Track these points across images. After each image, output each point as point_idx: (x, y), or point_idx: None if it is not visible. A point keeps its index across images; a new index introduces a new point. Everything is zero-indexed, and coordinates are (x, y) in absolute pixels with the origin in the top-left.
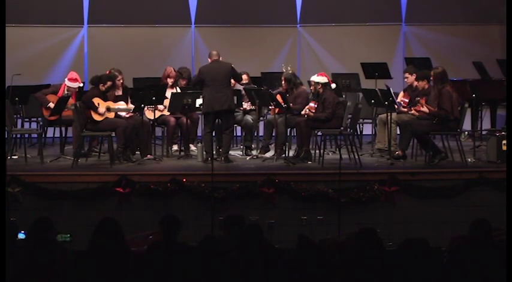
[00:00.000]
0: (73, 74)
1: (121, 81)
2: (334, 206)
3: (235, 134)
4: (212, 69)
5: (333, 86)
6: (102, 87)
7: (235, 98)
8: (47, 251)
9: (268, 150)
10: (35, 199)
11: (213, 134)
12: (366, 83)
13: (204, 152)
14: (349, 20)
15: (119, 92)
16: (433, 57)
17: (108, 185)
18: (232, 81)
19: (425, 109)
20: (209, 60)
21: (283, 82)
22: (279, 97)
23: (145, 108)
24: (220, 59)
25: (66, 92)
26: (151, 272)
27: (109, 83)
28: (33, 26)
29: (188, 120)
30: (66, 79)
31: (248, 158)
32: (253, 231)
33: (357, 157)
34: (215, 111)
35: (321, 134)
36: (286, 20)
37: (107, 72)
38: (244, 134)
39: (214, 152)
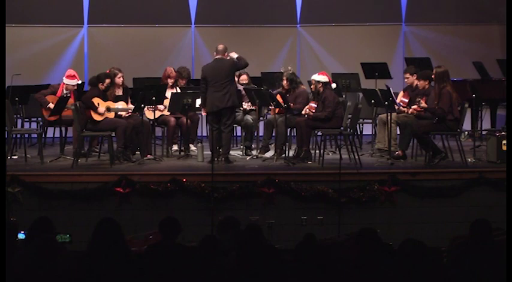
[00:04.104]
0: (71, 71)
1: (121, 79)
2: (334, 206)
3: (235, 134)
4: (213, 68)
5: (333, 85)
6: (101, 86)
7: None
8: (47, 251)
9: (268, 150)
10: (35, 199)
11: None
12: (366, 83)
13: (209, 151)
14: (349, 20)
15: (119, 92)
16: (433, 57)
17: (108, 185)
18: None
19: (423, 104)
20: (214, 54)
21: (284, 82)
22: (279, 97)
23: (146, 108)
24: (226, 54)
25: (64, 92)
26: (151, 272)
27: (107, 81)
28: (33, 26)
29: (188, 120)
30: (64, 77)
31: (248, 158)
32: (253, 231)
33: (357, 157)
34: (219, 109)
35: (321, 134)
36: (286, 20)
37: (107, 71)
38: (244, 134)
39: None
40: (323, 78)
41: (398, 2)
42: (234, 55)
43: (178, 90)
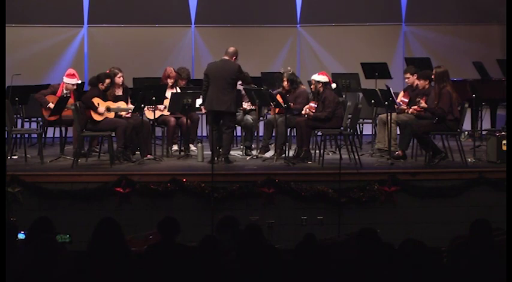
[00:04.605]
0: (71, 70)
1: (121, 78)
2: (334, 206)
3: (235, 134)
4: (217, 68)
5: (333, 85)
6: (101, 86)
7: (237, 97)
8: (47, 251)
9: (268, 150)
10: (35, 199)
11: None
12: (366, 83)
13: (209, 150)
14: (349, 20)
15: (119, 92)
16: (433, 57)
17: (108, 185)
18: None
19: (423, 104)
20: (224, 54)
21: (285, 82)
22: (279, 97)
23: (146, 108)
24: (234, 58)
25: (64, 92)
26: (151, 272)
27: (107, 81)
28: (33, 26)
29: (188, 120)
30: (64, 76)
31: (248, 158)
32: (253, 231)
33: (356, 157)
34: (214, 110)
35: (321, 134)
36: (286, 20)
37: (107, 71)
38: (244, 134)
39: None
40: (323, 78)
41: (398, 2)
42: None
43: (178, 90)
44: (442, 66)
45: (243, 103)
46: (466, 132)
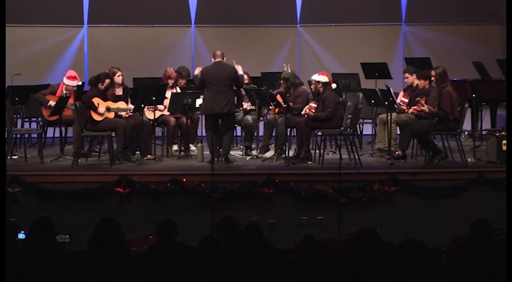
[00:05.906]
0: (72, 72)
1: (120, 77)
2: (334, 206)
3: (235, 134)
4: (214, 71)
5: (334, 86)
6: (101, 86)
7: (235, 98)
8: (47, 251)
9: (268, 150)
10: (35, 199)
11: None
12: (366, 83)
13: (209, 152)
14: (349, 20)
15: (119, 92)
16: (433, 57)
17: (108, 185)
18: None
19: (425, 108)
20: (212, 60)
21: (281, 81)
22: (279, 97)
23: (146, 108)
24: (224, 59)
25: (64, 92)
26: (151, 272)
27: (107, 81)
28: (33, 26)
29: (188, 120)
30: (64, 78)
31: (248, 158)
32: (253, 231)
33: (357, 157)
34: (215, 113)
35: (321, 134)
36: (286, 20)
37: (106, 71)
38: (244, 134)
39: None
40: (323, 78)
41: (398, 2)
42: (239, 69)
43: (178, 90)
44: (440, 67)
45: (243, 103)
46: (466, 132)
